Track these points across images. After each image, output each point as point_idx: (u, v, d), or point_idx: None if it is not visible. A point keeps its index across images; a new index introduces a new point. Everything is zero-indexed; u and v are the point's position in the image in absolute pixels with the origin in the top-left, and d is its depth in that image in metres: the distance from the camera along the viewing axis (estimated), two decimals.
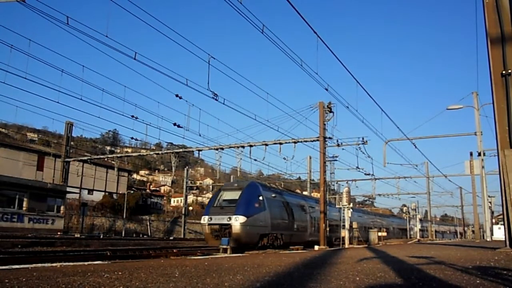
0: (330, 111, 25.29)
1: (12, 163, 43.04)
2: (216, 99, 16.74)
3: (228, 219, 20.18)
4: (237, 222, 19.99)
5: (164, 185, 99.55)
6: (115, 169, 43.11)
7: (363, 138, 27.68)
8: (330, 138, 26.25)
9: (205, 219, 21.07)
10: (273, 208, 23.15)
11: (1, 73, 13.84)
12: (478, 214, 45.76)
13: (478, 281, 4.41)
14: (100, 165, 56.16)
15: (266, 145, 27.22)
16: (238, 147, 28.65)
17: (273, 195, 23.92)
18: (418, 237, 50.30)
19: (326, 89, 18.40)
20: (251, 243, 20.84)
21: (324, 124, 25.43)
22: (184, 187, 53.23)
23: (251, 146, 27.61)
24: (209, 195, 71.24)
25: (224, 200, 21.94)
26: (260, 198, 22.07)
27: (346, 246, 26.15)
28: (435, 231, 67.68)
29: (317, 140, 25.70)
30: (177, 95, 19.34)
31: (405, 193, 56.80)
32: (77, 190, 48.83)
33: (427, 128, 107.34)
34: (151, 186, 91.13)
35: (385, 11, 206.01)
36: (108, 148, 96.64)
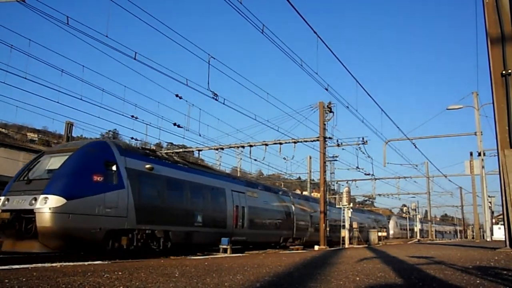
0: (330, 111, 25.26)
1: (12, 163, 42.95)
2: (216, 99, 16.72)
3: (32, 202, 11.76)
4: (45, 206, 11.58)
5: None
6: None
7: (363, 138, 27.64)
8: (330, 138, 26.21)
9: None
10: (144, 186, 14.75)
11: (1, 73, 13.78)
12: (478, 214, 45.79)
13: (478, 281, 4.41)
14: None
15: (266, 145, 27.18)
16: (238, 147, 28.62)
17: (149, 165, 15.12)
18: (418, 237, 50.33)
19: (326, 89, 18.41)
20: (83, 244, 12.67)
21: (324, 124, 25.40)
22: None
23: (251, 146, 27.56)
24: None
25: (40, 171, 13.26)
26: (111, 167, 13.61)
27: (346, 246, 26.17)
28: (436, 231, 67.67)
29: (317, 140, 25.68)
30: (177, 95, 19.31)
31: (405, 193, 56.76)
32: None
33: (427, 128, 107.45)
34: None
35: (385, 11, 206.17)
36: None
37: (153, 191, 15.39)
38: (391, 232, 54.02)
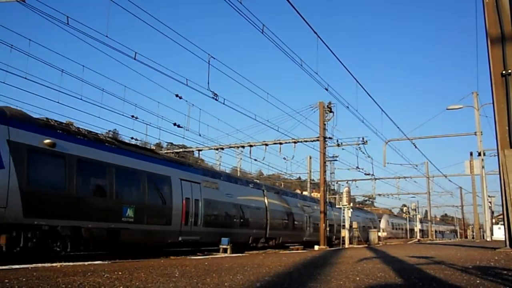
0: (330, 111, 25.29)
1: None
2: (216, 99, 16.71)
3: None
4: None
5: None
6: None
7: (363, 138, 27.71)
8: (330, 138, 26.26)
9: None
10: (40, 167, 11.45)
11: (1, 73, 13.70)
12: (478, 214, 45.85)
13: (478, 281, 4.41)
14: None
15: (266, 145, 27.22)
16: (238, 147, 28.66)
17: (49, 141, 11.58)
18: (418, 237, 50.34)
19: (326, 89, 18.41)
20: None
21: (324, 124, 25.42)
22: None
23: (251, 146, 27.60)
24: None
25: None
26: None
27: (346, 246, 26.16)
28: (435, 231, 67.57)
29: (317, 140, 25.70)
30: (177, 95, 19.30)
31: (405, 193, 56.81)
32: None
33: (427, 128, 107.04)
34: None
35: (385, 11, 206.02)
36: None
37: (54, 174, 11.98)
38: (382, 231, 49.57)
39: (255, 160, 27.76)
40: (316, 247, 23.21)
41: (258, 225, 22.42)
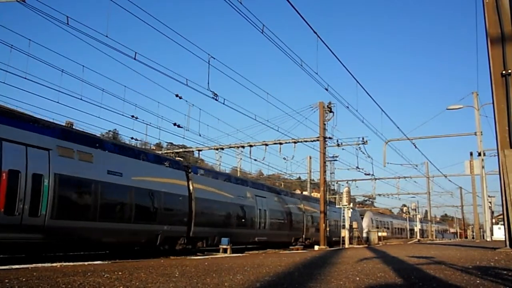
0: (330, 111, 25.29)
1: None
2: (216, 99, 16.71)
3: None
4: None
5: None
6: None
7: (363, 138, 27.69)
8: (330, 138, 26.25)
9: None
10: None
11: (1, 73, 13.63)
12: (478, 214, 45.83)
13: (478, 281, 4.41)
14: None
15: (266, 145, 27.21)
16: (238, 147, 28.65)
17: None
18: (418, 237, 50.32)
19: (326, 89, 18.40)
20: None
21: (324, 124, 25.42)
22: None
23: (251, 146, 27.59)
24: None
25: None
26: None
27: (346, 246, 26.16)
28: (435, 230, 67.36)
29: (317, 140, 25.69)
30: (177, 95, 19.30)
31: (405, 193, 56.77)
32: None
33: (427, 128, 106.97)
34: None
35: (385, 11, 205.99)
36: None
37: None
38: (365, 230, 40.80)
39: (255, 160, 27.74)
40: (316, 247, 23.21)
41: (175, 219, 16.51)
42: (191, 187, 17.44)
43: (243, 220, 21.19)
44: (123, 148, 15.88)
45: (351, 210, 28.93)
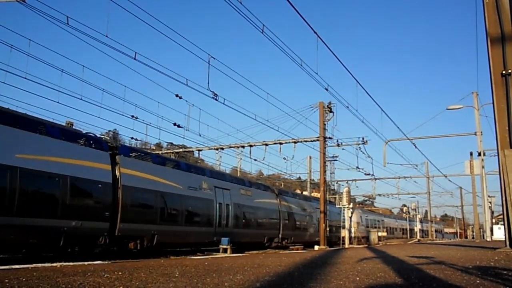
0: (330, 111, 25.29)
1: None
2: (216, 99, 16.70)
3: None
4: None
5: None
6: None
7: (363, 138, 27.69)
8: (330, 138, 26.24)
9: None
10: None
11: (1, 73, 13.63)
12: (478, 214, 45.82)
13: (478, 281, 4.41)
14: None
15: (266, 145, 27.21)
16: (238, 147, 28.66)
17: None
18: (418, 237, 50.31)
19: (326, 89, 18.39)
20: None
21: (324, 124, 25.42)
22: None
23: (251, 146, 27.59)
24: None
25: None
26: None
27: (346, 246, 26.16)
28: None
29: (317, 140, 25.69)
30: (177, 95, 19.30)
31: (405, 193, 56.74)
32: None
33: (427, 128, 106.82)
34: None
35: (385, 11, 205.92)
36: None
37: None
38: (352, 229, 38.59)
39: (255, 160, 27.74)
40: (316, 247, 23.22)
41: (90, 213, 13.02)
42: (117, 173, 14.01)
43: (196, 216, 17.81)
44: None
45: (341, 208, 28.27)
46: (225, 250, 17.01)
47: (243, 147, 28.22)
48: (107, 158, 13.99)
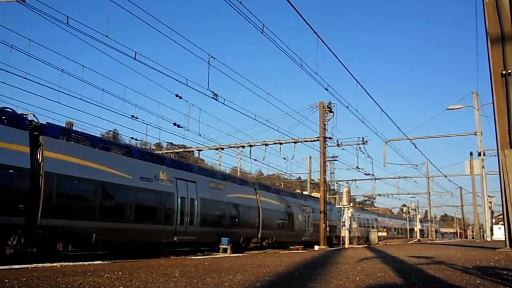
0: (330, 111, 25.29)
1: None
2: (216, 99, 16.70)
3: None
4: None
5: None
6: None
7: (363, 138, 27.70)
8: (330, 138, 26.25)
9: None
10: None
11: (1, 73, 13.62)
12: (478, 214, 45.81)
13: (478, 281, 4.41)
14: None
15: (266, 145, 27.21)
16: (238, 147, 28.66)
17: None
18: (418, 237, 50.31)
19: (326, 89, 18.39)
20: None
21: (324, 124, 25.42)
22: None
23: (251, 146, 27.59)
24: None
25: None
26: None
27: (346, 246, 26.16)
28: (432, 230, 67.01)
29: (317, 140, 25.69)
30: (177, 95, 19.31)
31: (405, 193, 56.76)
32: None
33: (427, 128, 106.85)
34: None
35: (385, 11, 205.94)
36: None
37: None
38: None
39: (255, 160, 27.74)
40: (316, 247, 23.21)
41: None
42: (38, 156, 11.74)
43: (150, 212, 15.47)
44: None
45: (328, 205, 27.50)
46: (225, 250, 17.01)
47: (243, 147, 28.22)
48: (25, 139, 11.39)
